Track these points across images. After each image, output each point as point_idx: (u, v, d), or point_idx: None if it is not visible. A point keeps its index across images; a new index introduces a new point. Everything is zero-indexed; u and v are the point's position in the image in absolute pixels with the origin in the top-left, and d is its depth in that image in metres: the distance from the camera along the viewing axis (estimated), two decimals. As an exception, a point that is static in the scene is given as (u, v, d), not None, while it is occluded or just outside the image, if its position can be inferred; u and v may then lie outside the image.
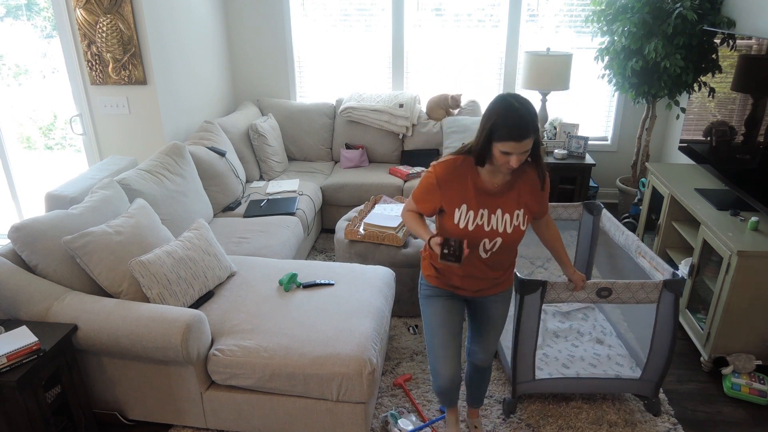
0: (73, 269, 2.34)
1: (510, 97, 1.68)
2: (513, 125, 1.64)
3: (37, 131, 4.77)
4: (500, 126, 1.66)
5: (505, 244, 1.90)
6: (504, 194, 1.86)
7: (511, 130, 1.65)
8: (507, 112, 1.65)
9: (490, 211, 1.86)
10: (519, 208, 1.88)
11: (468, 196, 1.85)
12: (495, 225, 1.87)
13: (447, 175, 1.85)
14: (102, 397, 2.40)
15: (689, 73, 3.69)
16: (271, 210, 3.56)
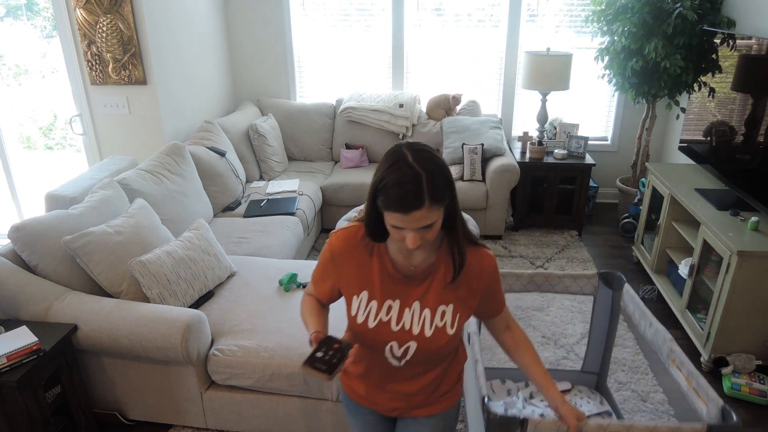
0: (73, 269, 2.34)
1: (406, 148, 1.17)
2: (398, 191, 1.13)
3: (37, 131, 4.77)
4: (381, 189, 1.16)
5: (423, 352, 1.35)
6: (425, 281, 1.33)
7: (396, 198, 1.14)
8: (393, 172, 1.15)
9: (403, 303, 1.33)
10: (447, 303, 1.33)
11: (370, 279, 1.33)
12: (408, 324, 1.33)
13: (345, 249, 1.34)
14: (102, 397, 2.40)
15: (689, 73, 3.69)
16: (271, 210, 3.56)
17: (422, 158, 1.15)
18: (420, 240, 1.19)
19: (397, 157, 1.16)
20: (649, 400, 2.60)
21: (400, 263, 1.33)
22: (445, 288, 1.33)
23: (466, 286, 1.34)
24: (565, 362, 2.85)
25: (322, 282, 1.42)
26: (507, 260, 3.88)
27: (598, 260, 3.92)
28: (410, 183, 1.13)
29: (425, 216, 1.15)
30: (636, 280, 3.66)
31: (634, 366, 2.82)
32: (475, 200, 4.01)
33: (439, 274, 1.33)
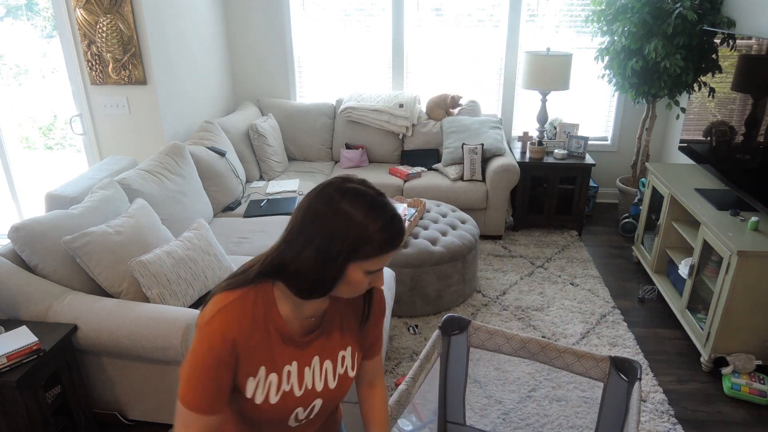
0: (73, 269, 2.34)
1: (350, 184, 1.04)
2: (393, 230, 1.02)
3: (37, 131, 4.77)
4: (376, 235, 1.00)
5: (328, 404, 1.21)
6: (322, 333, 1.17)
7: (392, 237, 1.02)
8: (373, 212, 1.01)
9: (301, 364, 1.14)
10: (345, 347, 1.21)
11: (267, 353, 1.11)
12: (310, 383, 1.16)
13: (240, 329, 1.08)
14: (102, 397, 2.40)
15: (689, 73, 3.69)
16: (271, 210, 3.56)
17: (369, 185, 1.06)
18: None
19: (363, 199, 1.01)
20: (649, 400, 2.60)
21: (294, 321, 1.13)
22: (341, 332, 1.20)
23: (356, 322, 1.22)
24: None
25: (217, 389, 1.05)
26: (507, 260, 3.89)
27: (598, 260, 3.92)
28: (398, 217, 1.03)
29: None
30: (636, 280, 3.66)
31: (634, 366, 2.82)
32: (475, 200, 4.01)
33: (334, 320, 1.19)
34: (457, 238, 3.24)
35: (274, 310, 1.10)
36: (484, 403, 2.57)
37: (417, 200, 3.59)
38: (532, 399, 2.61)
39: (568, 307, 3.33)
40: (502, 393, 2.64)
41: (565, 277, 3.67)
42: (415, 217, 3.35)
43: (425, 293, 3.18)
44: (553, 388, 2.68)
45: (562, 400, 2.60)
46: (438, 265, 3.13)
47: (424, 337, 3.05)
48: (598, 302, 3.38)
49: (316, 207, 1.02)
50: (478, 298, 3.41)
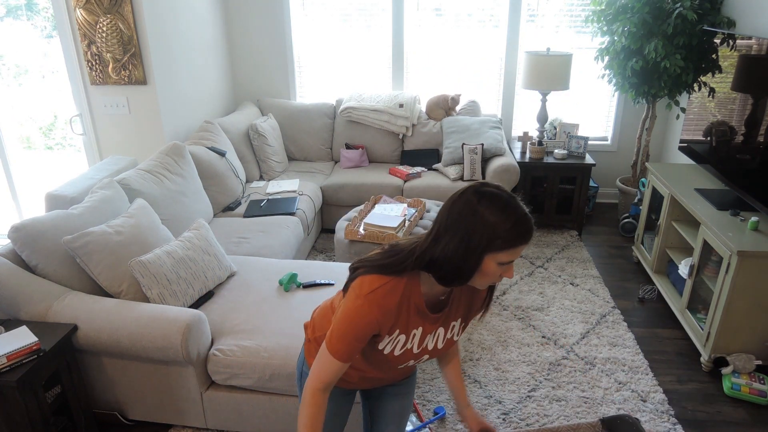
0: (73, 269, 2.34)
1: (490, 188, 1.24)
2: (526, 226, 1.21)
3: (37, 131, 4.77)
4: (508, 231, 1.20)
5: (431, 358, 1.52)
6: (446, 308, 1.42)
7: (525, 231, 1.21)
8: (512, 213, 1.21)
9: (426, 331, 1.41)
10: (457, 319, 1.46)
11: (405, 320, 1.37)
12: (427, 344, 1.44)
13: (389, 309, 1.32)
14: (102, 397, 2.40)
15: (689, 73, 3.69)
16: (271, 210, 3.56)
17: (504, 190, 1.25)
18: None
19: (500, 199, 1.22)
20: (649, 400, 2.60)
21: (430, 298, 1.39)
22: (458, 308, 1.44)
23: (470, 302, 1.47)
24: (565, 362, 2.85)
25: (360, 344, 1.33)
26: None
27: (598, 260, 3.92)
28: (527, 217, 1.23)
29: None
30: (636, 280, 3.66)
31: (634, 366, 2.82)
32: (475, 200, 4.00)
33: (459, 303, 1.44)
34: (457, 238, 3.24)
35: (417, 291, 1.35)
36: (484, 403, 2.57)
37: (417, 200, 3.59)
38: (532, 399, 2.61)
39: (568, 307, 3.33)
40: (502, 393, 2.64)
41: (565, 277, 3.67)
42: (415, 217, 3.35)
43: (425, 293, 3.17)
44: (553, 388, 2.68)
45: (562, 400, 2.60)
46: (438, 265, 3.12)
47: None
48: (598, 302, 3.38)
49: (458, 208, 1.23)
50: (478, 298, 3.41)
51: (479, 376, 2.75)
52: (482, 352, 2.92)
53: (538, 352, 2.93)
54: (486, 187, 1.24)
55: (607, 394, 2.63)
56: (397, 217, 3.24)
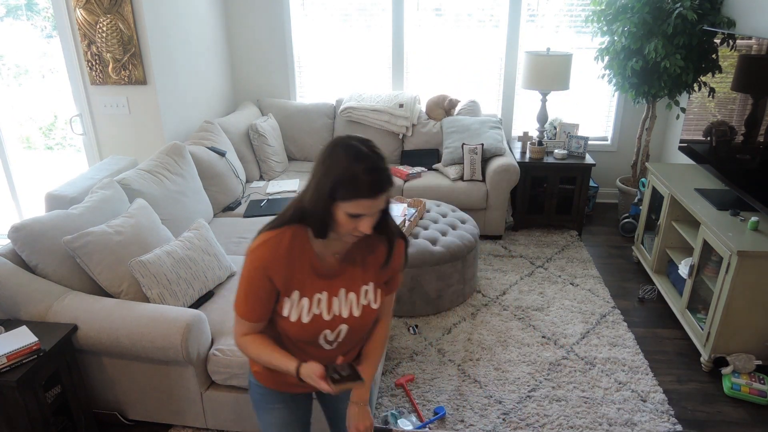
0: (73, 269, 2.34)
1: (354, 140, 1.26)
2: (371, 177, 1.22)
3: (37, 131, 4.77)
4: (348, 180, 1.22)
5: (353, 330, 1.46)
6: (347, 268, 1.43)
7: (366, 184, 1.22)
8: (357, 161, 1.22)
9: (330, 293, 1.41)
10: (367, 282, 1.45)
11: (300, 280, 1.38)
12: (337, 310, 1.42)
13: (274, 258, 1.35)
14: (102, 397, 2.40)
15: (689, 73, 3.69)
16: (271, 210, 3.56)
17: (372, 146, 1.27)
18: (372, 225, 1.30)
19: (354, 149, 1.24)
20: (649, 400, 2.60)
21: (324, 256, 1.41)
22: (364, 270, 1.45)
23: (378, 264, 1.46)
24: (565, 362, 2.85)
25: (259, 300, 1.37)
26: (507, 260, 3.88)
27: (598, 260, 3.92)
28: (381, 168, 1.24)
29: (384, 199, 1.28)
30: (636, 280, 3.66)
31: (634, 366, 2.82)
32: (475, 200, 4.01)
33: (355, 259, 1.44)
34: (457, 238, 3.24)
35: (308, 247, 1.38)
36: (484, 403, 2.57)
37: (417, 200, 3.59)
38: (532, 399, 2.61)
39: (568, 307, 3.33)
40: (502, 393, 2.64)
41: (565, 277, 3.67)
42: (415, 217, 3.35)
43: (425, 293, 3.18)
44: (553, 388, 2.68)
45: (562, 400, 2.60)
46: (438, 265, 3.13)
47: (424, 337, 3.05)
48: (598, 302, 3.38)
49: (320, 156, 1.28)
50: (478, 298, 3.41)
51: (479, 376, 2.75)
52: (482, 352, 2.92)
53: (538, 352, 2.93)
54: (351, 139, 1.27)
55: (607, 394, 2.63)
56: (397, 217, 3.24)
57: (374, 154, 1.25)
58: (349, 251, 1.43)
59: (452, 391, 2.65)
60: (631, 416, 2.50)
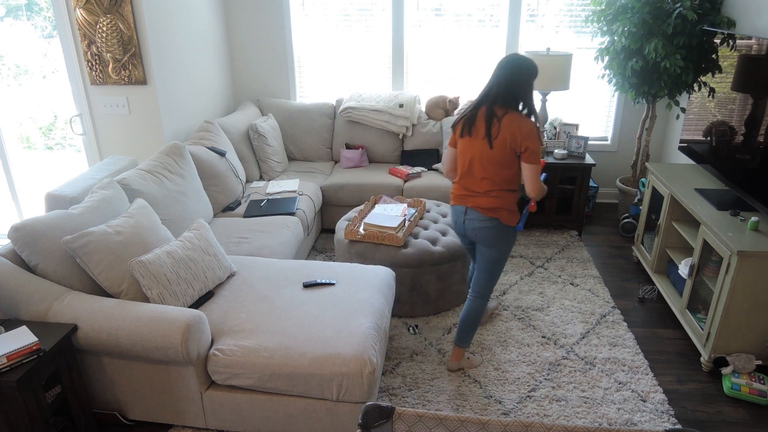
0: (73, 269, 2.34)
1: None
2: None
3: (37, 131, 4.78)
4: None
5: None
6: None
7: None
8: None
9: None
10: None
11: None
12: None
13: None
14: (102, 397, 2.40)
15: (689, 73, 3.69)
16: (271, 210, 3.56)
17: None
18: None
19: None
20: (649, 400, 2.60)
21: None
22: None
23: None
24: (565, 362, 2.85)
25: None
26: (507, 260, 3.88)
27: (598, 260, 3.92)
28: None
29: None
30: (636, 280, 3.66)
31: (634, 366, 2.82)
32: (475, 200, 4.00)
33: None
34: (457, 238, 3.24)
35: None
36: (484, 403, 2.57)
37: (417, 200, 3.59)
38: (532, 399, 2.61)
39: (568, 307, 3.33)
40: (502, 393, 2.64)
41: (565, 277, 3.67)
42: (415, 217, 3.35)
43: (425, 293, 3.18)
44: (553, 388, 2.68)
45: (562, 400, 2.60)
46: (438, 265, 3.13)
47: (424, 337, 3.05)
48: (598, 302, 3.38)
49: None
50: (478, 298, 3.41)
51: (479, 376, 2.75)
52: (482, 352, 2.92)
53: (538, 352, 2.93)
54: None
55: (607, 394, 2.63)
56: (397, 217, 3.24)
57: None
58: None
59: (452, 391, 2.65)
60: (631, 416, 2.50)
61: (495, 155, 2.40)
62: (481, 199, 2.48)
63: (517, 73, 2.38)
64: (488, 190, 2.46)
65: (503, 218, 2.47)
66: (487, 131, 2.39)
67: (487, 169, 2.44)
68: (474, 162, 2.46)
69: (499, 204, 2.46)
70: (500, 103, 2.40)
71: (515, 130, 2.36)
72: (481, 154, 2.43)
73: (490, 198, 2.46)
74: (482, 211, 2.48)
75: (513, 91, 2.39)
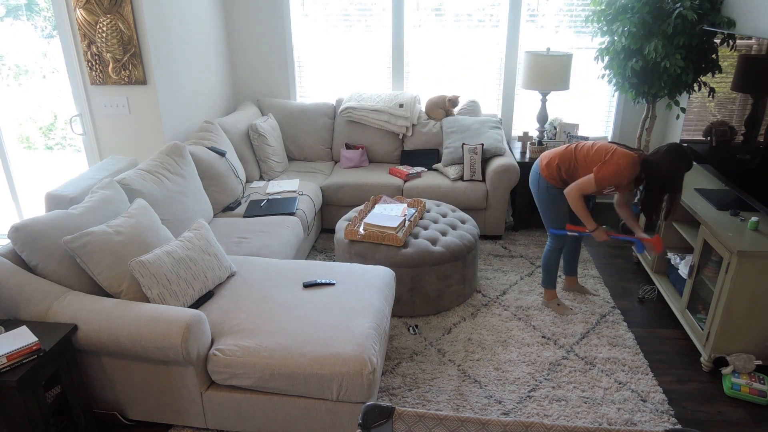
0: (73, 269, 2.34)
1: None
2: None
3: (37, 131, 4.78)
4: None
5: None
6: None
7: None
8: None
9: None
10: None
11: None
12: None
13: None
14: (102, 397, 2.40)
15: (689, 73, 3.69)
16: (271, 210, 3.56)
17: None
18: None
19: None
20: (649, 400, 2.60)
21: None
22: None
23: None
24: (565, 362, 2.85)
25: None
26: (507, 260, 3.88)
27: (598, 260, 3.92)
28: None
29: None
30: (636, 280, 3.66)
31: (634, 366, 2.82)
32: (475, 200, 4.01)
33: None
34: (457, 238, 3.24)
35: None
36: (484, 403, 2.57)
37: (417, 200, 3.59)
38: (532, 399, 2.61)
39: (568, 307, 3.33)
40: (502, 393, 2.64)
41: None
42: (415, 217, 3.35)
43: (425, 293, 3.18)
44: (553, 388, 2.68)
45: (562, 400, 2.60)
46: (438, 265, 3.13)
47: (424, 337, 3.05)
48: (598, 302, 3.38)
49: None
50: (478, 298, 3.41)
51: (479, 376, 2.75)
52: (482, 352, 2.92)
53: (538, 352, 2.93)
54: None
55: (607, 394, 2.63)
56: (397, 217, 3.24)
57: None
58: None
59: (452, 391, 2.65)
60: (631, 416, 2.50)
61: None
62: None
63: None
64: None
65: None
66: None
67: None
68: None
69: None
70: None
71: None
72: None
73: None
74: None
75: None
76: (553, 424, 1.39)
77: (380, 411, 1.51)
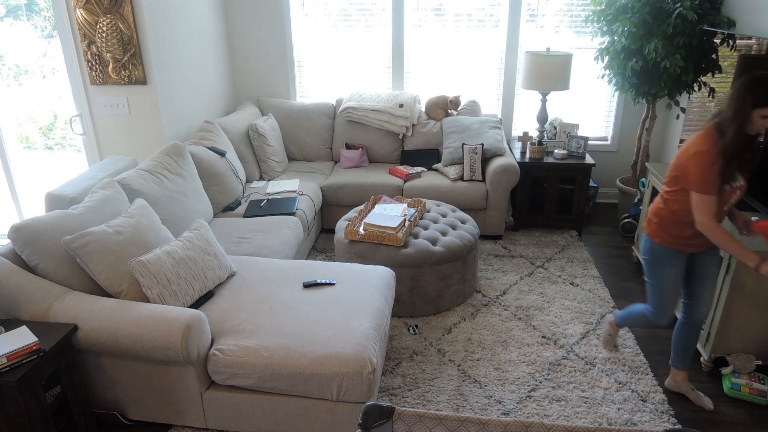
0: (73, 269, 2.34)
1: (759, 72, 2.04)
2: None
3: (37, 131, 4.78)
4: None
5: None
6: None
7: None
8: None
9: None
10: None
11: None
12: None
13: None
14: (102, 397, 2.40)
15: (689, 73, 3.69)
16: (271, 210, 3.56)
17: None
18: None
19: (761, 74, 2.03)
20: (649, 400, 2.60)
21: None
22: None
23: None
24: (565, 362, 2.85)
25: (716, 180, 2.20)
26: (507, 260, 3.88)
27: (598, 260, 3.92)
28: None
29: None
30: (636, 280, 3.66)
31: (634, 366, 2.82)
32: (475, 200, 4.01)
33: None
34: (457, 238, 3.24)
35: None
36: (484, 403, 2.58)
37: (417, 200, 3.59)
38: (532, 399, 2.61)
39: (568, 307, 3.33)
40: (502, 393, 2.64)
41: (565, 277, 3.67)
42: (415, 217, 3.35)
43: (425, 293, 3.18)
44: (553, 388, 2.68)
45: (562, 400, 2.60)
46: (438, 265, 3.13)
47: (424, 337, 3.05)
48: (598, 302, 3.38)
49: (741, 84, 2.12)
50: (478, 298, 3.41)
51: (479, 376, 2.75)
52: (482, 352, 2.92)
53: (538, 352, 2.93)
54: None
55: (607, 394, 2.63)
56: (397, 217, 3.24)
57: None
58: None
59: (452, 391, 2.65)
60: (631, 416, 2.50)
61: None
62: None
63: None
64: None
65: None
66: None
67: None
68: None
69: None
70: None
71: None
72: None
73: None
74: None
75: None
76: (553, 424, 1.39)
77: (380, 411, 1.50)
